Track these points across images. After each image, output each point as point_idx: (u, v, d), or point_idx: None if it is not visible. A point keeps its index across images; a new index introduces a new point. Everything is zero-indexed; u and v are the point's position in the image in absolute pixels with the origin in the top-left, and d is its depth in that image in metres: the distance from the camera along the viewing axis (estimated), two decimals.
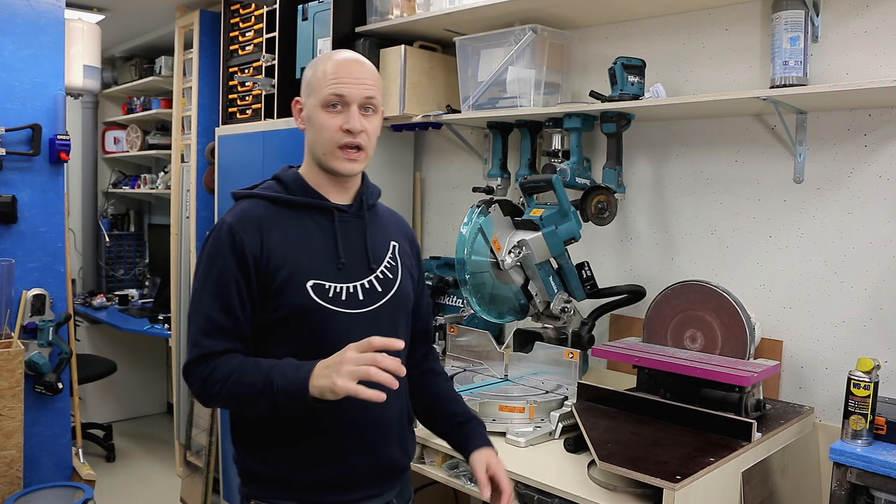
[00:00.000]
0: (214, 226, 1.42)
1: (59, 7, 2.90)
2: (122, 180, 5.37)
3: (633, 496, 1.58)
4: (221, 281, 1.35)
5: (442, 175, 3.10)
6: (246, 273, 1.35)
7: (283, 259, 1.36)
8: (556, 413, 1.96)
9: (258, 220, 1.39)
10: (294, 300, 1.35)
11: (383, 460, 1.45)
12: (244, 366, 1.31)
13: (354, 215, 1.47)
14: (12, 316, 2.76)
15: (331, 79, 1.38)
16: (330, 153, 1.40)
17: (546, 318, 2.24)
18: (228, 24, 3.45)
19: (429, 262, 2.90)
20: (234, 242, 1.36)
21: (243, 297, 1.35)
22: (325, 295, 1.37)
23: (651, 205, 2.40)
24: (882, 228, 1.93)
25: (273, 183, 1.47)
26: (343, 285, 1.40)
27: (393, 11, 2.76)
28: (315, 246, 1.40)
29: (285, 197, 1.43)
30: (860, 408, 1.70)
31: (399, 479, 1.51)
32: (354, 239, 1.45)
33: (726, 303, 1.98)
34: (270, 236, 1.38)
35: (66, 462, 2.99)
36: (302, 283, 1.36)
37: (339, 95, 1.37)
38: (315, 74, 1.41)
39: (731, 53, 2.18)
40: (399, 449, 1.48)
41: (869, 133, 1.95)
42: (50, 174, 2.91)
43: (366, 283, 1.43)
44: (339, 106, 1.38)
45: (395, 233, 1.56)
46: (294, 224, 1.41)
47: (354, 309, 1.40)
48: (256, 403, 1.28)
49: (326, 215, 1.43)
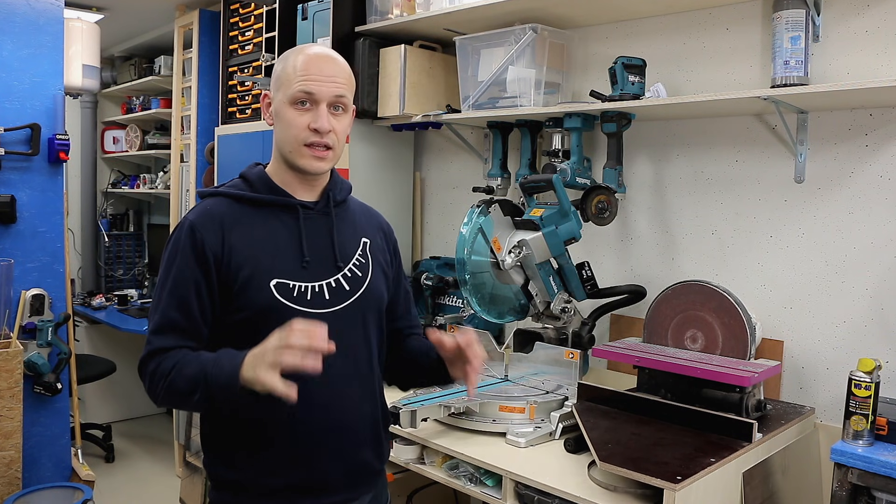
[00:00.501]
0: (178, 223, 1.39)
1: (58, 6, 2.89)
2: (121, 180, 5.36)
3: (633, 496, 1.57)
4: (180, 279, 1.32)
5: (442, 175, 3.09)
6: (206, 272, 1.32)
7: (245, 258, 1.33)
8: (557, 413, 1.96)
9: (220, 219, 1.36)
10: (257, 300, 1.32)
11: (356, 465, 1.41)
12: (185, 359, 1.28)
13: (321, 212, 1.43)
14: (11, 316, 2.76)
15: (300, 75, 1.33)
16: (296, 151, 1.36)
17: (546, 318, 2.23)
18: (228, 23, 3.44)
19: (428, 262, 2.90)
20: (194, 241, 1.33)
21: (202, 296, 1.33)
22: (290, 294, 1.34)
23: (651, 205, 2.40)
24: (883, 228, 1.92)
25: (239, 181, 1.44)
26: (308, 284, 1.36)
27: (393, 11, 2.75)
28: (279, 244, 1.37)
29: (249, 195, 1.39)
30: (861, 408, 1.70)
31: (374, 483, 1.47)
32: (320, 236, 1.41)
33: (727, 303, 1.97)
34: (232, 235, 1.34)
35: (66, 462, 2.98)
36: (265, 281, 1.33)
37: (307, 93, 1.33)
38: (285, 69, 1.36)
39: (732, 53, 2.18)
40: (373, 453, 1.44)
41: (870, 133, 1.94)
42: (49, 174, 2.90)
43: (332, 281, 1.39)
44: (307, 104, 1.34)
45: (367, 228, 1.51)
46: (258, 223, 1.37)
47: (320, 308, 1.36)
48: (193, 396, 1.25)
49: (291, 213, 1.39)
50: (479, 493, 1.81)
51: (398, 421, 1.88)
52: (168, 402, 1.33)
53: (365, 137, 2.91)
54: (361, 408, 1.41)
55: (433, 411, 1.94)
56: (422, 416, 1.91)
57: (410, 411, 1.88)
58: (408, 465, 1.99)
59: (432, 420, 1.99)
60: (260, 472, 1.35)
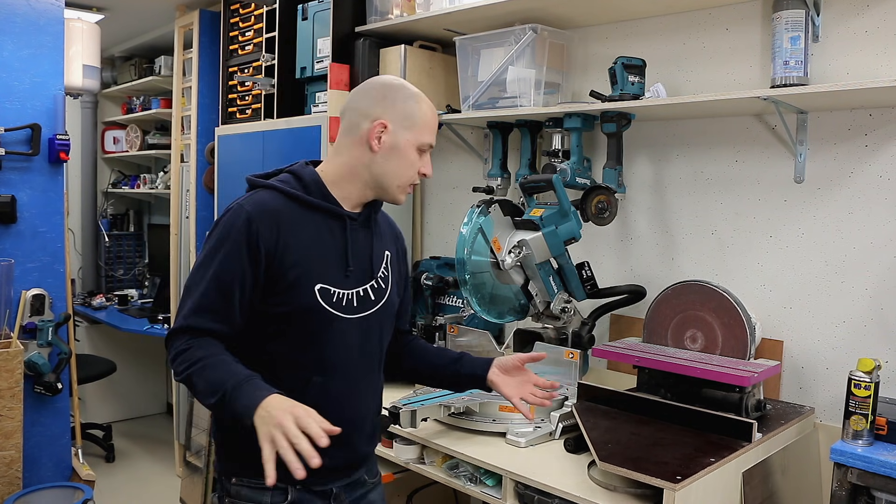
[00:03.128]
0: (231, 208, 1.42)
1: (59, 7, 2.90)
2: (121, 180, 5.36)
3: (633, 496, 1.58)
4: (227, 264, 1.36)
5: (442, 175, 3.09)
6: (256, 264, 1.37)
7: (297, 258, 1.39)
8: (557, 413, 1.96)
9: (276, 215, 1.40)
10: (301, 300, 1.39)
11: (355, 453, 1.53)
12: (214, 359, 1.33)
13: (362, 224, 1.51)
14: (11, 316, 2.76)
15: (432, 128, 1.47)
16: (402, 187, 1.48)
17: (546, 318, 2.23)
18: (228, 23, 3.44)
19: (428, 262, 2.90)
20: (249, 231, 1.37)
21: (245, 286, 1.37)
22: (330, 299, 1.42)
23: (651, 205, 2.40)
24: (883, 228, 1.92)
25: (291, 178, 1.47)
26: (344, 291, 1.45)
27: (393, 11, 2.75)
28: (326, 250, 1.44)
29: (304, 197, 1.44)
30: (861, 408, 1.70)
31: (366, 461, 1.60)
32: (361, 248, 1.49)
33: (727, 303, 1.97)
34: (287, 233, 1.40)
35: (66, 462, 2.98)
36: (311, 284, 1.40)
37: (431, 146, 1.49)
38: (421, 113, 1.45)
39: (732, 53, 2.18)
40: (367, 441, 1.57)
41: (870, 133, 1.95)
42: (49, 174, 2.91)
43: (361, 290, 1.48)
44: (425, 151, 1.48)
45: (388, 240, 1.61)
46: (309, 225, 1.43)
47: (351, 314, 1.46)
48: (208, 398, 1.31)
49: (339, 222, 1.46)
50: (479, 493, 1.81)
51: (398, 421, 1.88)
52: (184, 384, 1.37)
53: None
54: (368, 404, 1.54)
55: (433, 411, 1.94)
56: (422, 416, 1.91)
57: (410, 411, 1.88)
58: (408, 465, 1.99)
59: (432, 420, 1.99)
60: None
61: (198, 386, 1.32)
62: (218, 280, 1.36)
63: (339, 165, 1.48)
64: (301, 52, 2.96)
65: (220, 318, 1.37)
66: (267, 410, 1.23)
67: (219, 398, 1.29)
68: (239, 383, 1.28)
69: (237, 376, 1.30)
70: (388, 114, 1.43)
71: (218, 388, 1.29)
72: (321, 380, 1.43)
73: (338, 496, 1.52)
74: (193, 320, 1.36)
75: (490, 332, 2.37)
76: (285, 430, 1.20)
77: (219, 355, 1.34)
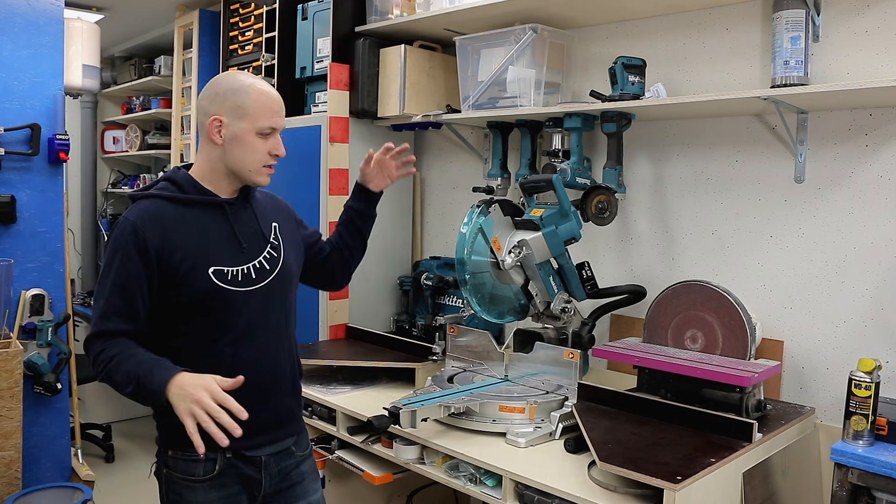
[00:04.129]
0: (117, 222, 1.58)
1: (59, 6, 2.89)
2: (121, 180, 5.36)
3: (633, 497, 1.57)
4: (123, 271, 1.52)
5: (442, 175, 3.09)
6: (148, 265, 1.52)
7: (186, 252, 1.55)
8: (557, 413, 1.96)
9: (159, 218, 1.56)
10: (198, 286, 1.54)
11: (279, 410, 1.68)
12: (125, 354, 1.49)
13: (241, 206, 1.66)
14: (11, 316, 2.76)
15: (268, 112, 1.59)
16: (256, 171, 1.61)
17: (546, 318, 2.23)
18: (228, 23, 3.44)
19: (428, 262, 2.90)
20: (137, 238, 1.52)
21: (143, 286, 1.53)
22: (225, 278, 1.57)
23: (651, 205, 2.40)
24: (883, 228, 1.92)
25: (167, 184, 1.63)
26: (239, 268, 1.60)
27: (393, 11, 2.75)
28: (213, 237, 1.59)
29: (181, 196, 1.60)
30: (861, 408, 1.69)
31: (295, 427, 1.74)
32: (247, 225, 1.65)
33: (727, 303, 1.97)
34: (172, 232, 1.55)
35: (65, 462, 2.98)
36: (205, 270, 1.55)
37: (273, 128, 1.60)
38: (250, 101, 1.57)
39: (732, 53, 2.18)
40: (292, 399, 1.72)
41: (870, 133, 1.94)
42: (49, 174, 2.90)
43: (256, 263, 1.63)
44: (269, 133, 1.60)
45: (273, 213, 1.75)
46: (191, 220, 1.59)
47: (247, 286, 1.60)
48: (125, 388, 1.47)
49: (218, 209, 1.62)
50: (479, 493, 1.81)
51: (398, 421, 1.88)
52: (106, 382, 1.52)
53: (365, 137, 2.91)
54: (281, 364, 1.69)
55: (433, 411, 1.94)
56: (422, 416, 1.91)
57: (410, 411, 1.88)
58: (408, 465, 1.99)
59: (432, 420, 1.99)
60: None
61: (115, 379, 1.48)
62: (117, 286, 1.52)
63: (202, 163, 1.64)
64: (301, 52, 2.96)
65: (126, 318, 1.52)
66: (180, 387, 1.39)
67: (134, 385, 1.44)
68: (150, 368, 1.44)
69: (147, 363, 1.46)
70: (220, 109, 1.58)
71: (132, 377, 1.44)
72: (232, 350, 1.58)
73: (267, 464, 1.64)
74: (103, 325, 1.51)
75: (490, 332, 2.36)
76: (203, 405, 1.36)
77: (129, 350, 1.49)
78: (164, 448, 1.62)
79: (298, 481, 1.71)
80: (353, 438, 2.16)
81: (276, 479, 1.67)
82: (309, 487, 1.74)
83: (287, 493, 1.69)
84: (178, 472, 1.60)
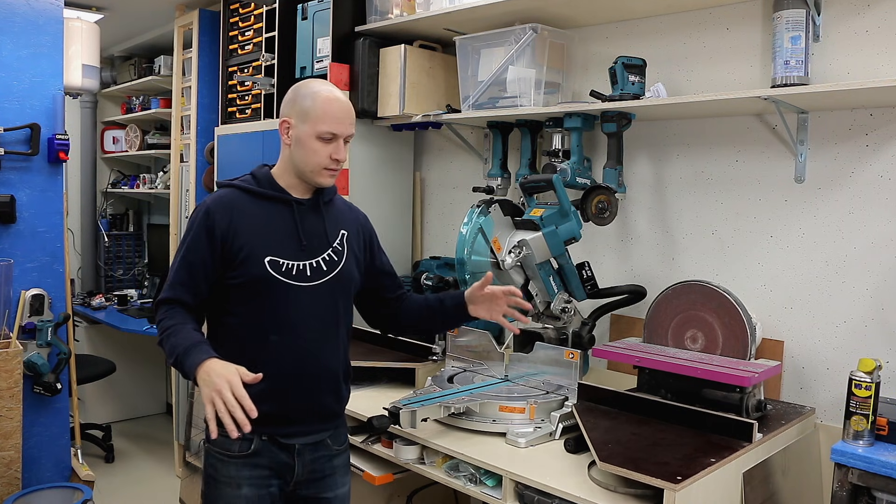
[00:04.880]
0: (198, 205, 1.74)
1: (58, 6, 2.89)
2: (121, 180, 5.36)
3: (633, 497, 1.57)
4: (192, 249, 1.68)
5: (442, 175, 3.09)
6: (213, 246, 1.67)
7: (246, 238, 1.68)
8: (557, 413, 1.96)
9: (230, 205, 1.71)
10: (253, 271, 1.67)
11: (317, 405, 1.74)
12: (177, 327, 1.62)
13: (311, 208, 1.77)
14: (11, 316, 2.75)
15: (330, 118, 1.68)
16: (317, 172, 1.71)
17: (546, 318, 2.23)
18: (228, 23, 3.44)
19: (428, 262, 2.90)
20: (208, 221, 1.68)
21: (206, 263, 1.67)
22: (279, 269, 1.68)
23: (651, 205, 2.40)
24: (883, 228, 1.92)
25: (249, 177, 1.78)
26: (296, 262, 1.70)
27: (393, 11, 2.75)
28: (276, 229, 1.71)
29: (256, 189, 1.74)
30: (861, 408, 1.69)
31: (333, 422, 1.80)
32: (313, 226, 1.76)
33: (727, 303, 1.97)
34: (239, 219, 1.69)
35: (65, 463, 2.98)
36: (261, 257, 1.67)
37: (333, 134, 1.68)
38: (314, 107, 1.68)
39: (732, 53, 2.18)
40: (333, 398, 1.78)
41: (870, 133, 1.94)
42: (48, 174, 2.90)
43: (314, 262, 1.73)
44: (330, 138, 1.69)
45: (347, 222, 1.85)
46: (259, 211, 1.72)
47: (301, 282, 1.70)
48: (169, 359, 1.60)
49: (287, 206, 1.74)
50: (479, 494, 1.81)
51: (398, 421, 1.88)
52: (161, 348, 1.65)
53: (365, 137, 2.91)
54: (326, 362, 1.75)
55: (433, 411, 1.94)
56: (422, 416, 1.91)
57: (410, 411, 1.88)
58: (408, 465, 1.99)
59: (432, 420, 1.99)
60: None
61: (164, 348, 1.61)
62: (185, 260, 1.68)
63: (280, 161, 1.78)
64: (301, 51, 2.96)
65: (189, 290, 1.67)
66: (207, 374, 1.48)
67: (174, 359, 1.57)
68: (188, 348, 1.55)
69: (188, 341, 1.57)
70: (290, 112, 1.72)
71: (174, 351, 1.57)
72: (277, 338, 1.68)
73: (301, 452, 1.72)
74: (168, 293, 1.68)
75: (490, 332, 2.36)
76: (224, 397, 1.44)
77: (182, 323, 1.62)
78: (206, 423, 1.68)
79: (329, 474, 1.78)
80: (353, 438, 2.16)
81: (308, 468, 1.74)
82: (339, 481, 1.81)
83: (318, 484, 1.76)
84: (215, 447, 1.71)
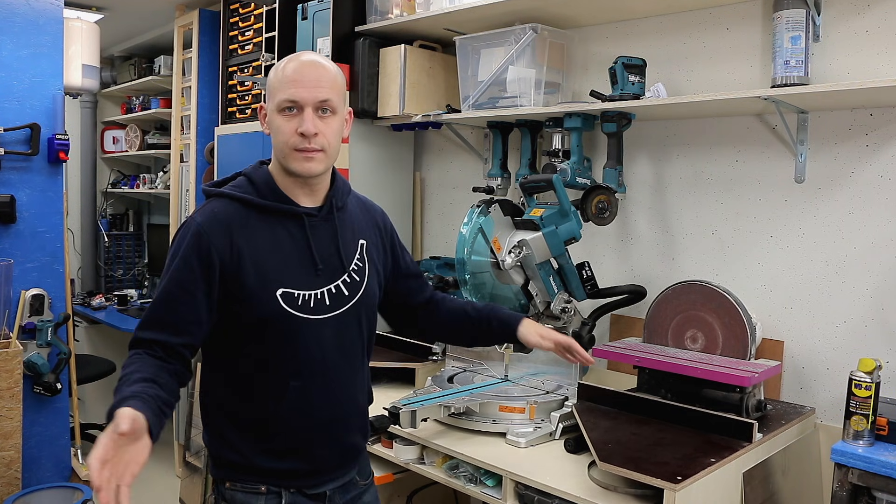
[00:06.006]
0: (184, 222, 1.42)
1: (58, 6, 2.89)
2: (121, 180, 5.36)
3: (633, 497, 1.57)
4: (177, 278, 1.36)
5: (442, 175, 3.09)
6: (208, 276, 1.36)
7: (253, 265, 1.37)
8: (557, 413, 1.96)
9: (227, 223, 1.39)
10: (264, 308, 1.37)
11: (345, 448, 1.53)
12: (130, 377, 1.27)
13: (324, 219, 1.47)
14: (11, 316, 2.75)
15: (286, 84, 1.38)
16: (289, 155, 1.39)
17: (546, 318, 2.23)
18: (228, 23, 3.44)
19: (428, 262, 2.90)
20: (200, 245, 1.36)
21: (196, 297, 1.36)
22: (295, 303, 1.39)
23: (652, 205, 2.40)
24: (883, 228, 1.92)
25: (244, 181, 1.46)
26: (311, 292, 1.42)
27: (393, 11, 2.75)
28: (285, 253, 1.41)
29: (257, 201, 1.42)
30: (861, 408, 1.69)
31: (358, 459, 1.58)
32: (327, 244, 1.46)
33: (727, 303, 1.97)
34: (240, 240, 1.38)
35: (65, 463, 2.98)
36: (272, 291, 1.38)
37: (292, 101, 1.37)
38: (274, 78, 1.40)
39: (732, 53, 2.17)
40: (359, 435, 1.57)
41: (870, 133, 1.94)
42: (48, 174, 2.90)
43: (332, 287, 1.44)
44: (294, 109, 1.38)
45: (365, 228, 1.56)
46: (264, 229, 1.41)
47: (322, 314, 1.43)
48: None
49: (297, 221, 1.43)
50: (479, 494, 1.81)
51: (398, 421, 1.88)
52: None
53: (365, 137, 2.91)
54: (354, 399, 1.53)
55: (433, 411, 1.94)
56: (422, 416, 1.91)
57: (410, 411, 1.88)
58: (408, 465, 1.99)
59: (432, 420, 1.99)
60: (261, 458, 1.44)
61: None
62: (166, 293, 1.36)
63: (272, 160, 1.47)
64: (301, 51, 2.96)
65: (167, 329, 1.35)
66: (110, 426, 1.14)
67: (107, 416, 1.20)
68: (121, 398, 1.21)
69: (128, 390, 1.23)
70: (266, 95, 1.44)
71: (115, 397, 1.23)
72: (299, 384, 1.42)
73: (332, 498, 1.51)
74: (140, 333, 1.37)
75: None
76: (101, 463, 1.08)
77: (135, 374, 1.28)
78: (222, 481, 1.48)
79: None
80: None
81: None
82: None
83: None
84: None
